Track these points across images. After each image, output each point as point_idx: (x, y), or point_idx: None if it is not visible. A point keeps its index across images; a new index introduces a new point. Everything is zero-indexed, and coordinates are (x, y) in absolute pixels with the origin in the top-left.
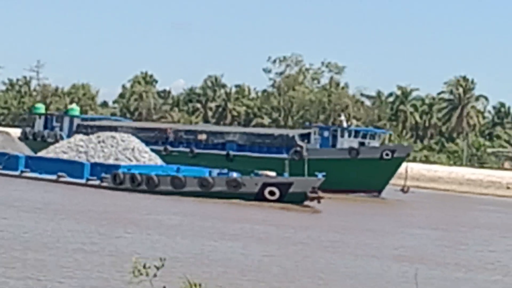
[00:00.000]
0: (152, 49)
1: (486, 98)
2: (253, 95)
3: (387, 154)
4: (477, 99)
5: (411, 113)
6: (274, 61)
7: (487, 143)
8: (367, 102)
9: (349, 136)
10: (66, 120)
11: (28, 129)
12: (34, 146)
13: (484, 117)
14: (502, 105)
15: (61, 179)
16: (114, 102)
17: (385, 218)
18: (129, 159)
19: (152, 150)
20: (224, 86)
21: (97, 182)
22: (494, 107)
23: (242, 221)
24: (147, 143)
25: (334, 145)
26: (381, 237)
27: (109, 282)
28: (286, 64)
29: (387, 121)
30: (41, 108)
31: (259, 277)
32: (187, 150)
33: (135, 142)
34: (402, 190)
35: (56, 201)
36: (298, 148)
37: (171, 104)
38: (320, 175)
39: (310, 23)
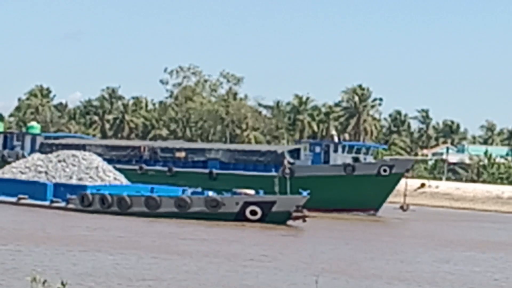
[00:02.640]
0: (48, 61)
1: (381, 102)
2: (150, 106)
3: (384, 170)
4: (372, 106)
5: (309, 122)
6: (171, 72)
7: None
8: (265, 112)
9: (343, 151)
10: (28, 139)
11: None
12: None
13: (381, 126)
14: (398, 113)
15: (22, 201)
16: (10, 115)
17: (370, 237)
18: (93, 179)
19: (126, 169)
20: (121, 98)
21: (62, 204)
22: (390, 115)
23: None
24: (120, 162)
25: (326, 161)
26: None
27: None
28: (183, 75)
29: (285, 130)
30: None
31: None
32: (165, 169)
33: (98, 160)
34: (402, 208)
35: (27, 226)
36: (289, 165)
37: (68, 117)
38: (305, 193)
39: (207, 33)
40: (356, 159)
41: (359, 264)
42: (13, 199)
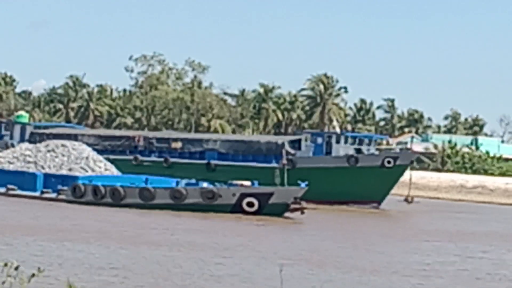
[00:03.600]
0: (11, 49)
1: (346, 91)
2: (115, 94)
3: (388, 162)
4: (337, 95)
5: (274, 110)
6: (136, 60)
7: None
8: (231, 101)
9: (345, 142)
10: (17, 128)
11: None
12: None
13: (346, 115)
14: (364, 101)
15: (11, 192)
16: None
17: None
18: (84, 169)
19: (120, 160)
20: (85, 86)
21: (53, 195)
22: (355, 104)
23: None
24: (113, 153)
25: (328, 152)
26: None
27: None
28: (148, 63)
29: (249, 119)
30: None
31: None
32: (161, 159)
33: (88, 150)
34: (406, 200)
35: (24, 218)
36: (290, 156)
37: (32, 105)
38: (303, 184)
39: (173, 21)
40: (358, 150)
41: (333, 254)
42: (2, 190)
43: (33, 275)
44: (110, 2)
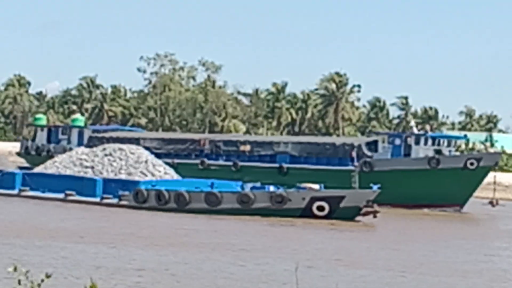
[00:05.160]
0: (25, 51)
1: (360, 89)
2: (129, 95)
3: (471, 163)
4: (350, 93)
5: (287, 109)
6: (148, 60)
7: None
8: (245, 100)
9: (425, 143)
10: (75, 132)
11: (29, 143)
12: (37, 162)
13: (360, 113)
14: (378, 99)
15: (70, 197)
16: None
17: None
18: (143, 174)
19: (186, 164)
20: (99, 87)
21: (114, 201)
22: (369, 102)
23: None
24: (178, 157)
25: (407, 154)
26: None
27: None
28: (160, 63)
29: (263, 118)
30: (42, 119)
31: None
32: (229, 163)
33: (146, 154)
34: (491, 203)
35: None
36: (368, 159)
37: (47, 106)
38: (375, 187)
39: (184, 21)
40: (438, 152)
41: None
42: (60, 196)
43: (42, 280)
44: (122, 3)
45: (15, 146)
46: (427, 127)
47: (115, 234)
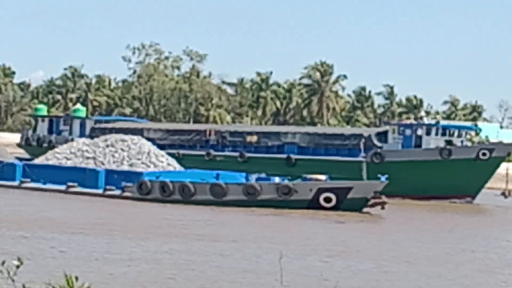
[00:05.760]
0: (9, 40)
1: (344, 78)
2: (113, 85)
3: (484, 154)
4: (334, 82)
5: (272, 98)
6: (133, 49)
7: (348, 127)
8: (229, 90)
9: (436, 134)
10: (76, 123)
11: (30, 134)
12: (38, 153)
13: (345, 103)
14: (363, 89)
15: (72, 189)
16: None
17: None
18: (146, 165)
19: (191, 155)
20: (84, 76)
21: (117, 192)
22: (354, 92)
23: None
24: (183, 147)
25: (418, 145)
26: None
27: None
28: (145, 53)
29: (248, 108)
30: (43, 109)
31: None
32: (236, 154)
33: (148, 145)
34: (503, 194)
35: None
36: (378, 150)
37: (31, 96)
38: (383, 178)
39: (169, 10)
40: (449, 142)
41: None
42: (62, 187)
43: (17, 266)
44: None
45: (1, 137)
46: (438, 117)
47: (104, 224)
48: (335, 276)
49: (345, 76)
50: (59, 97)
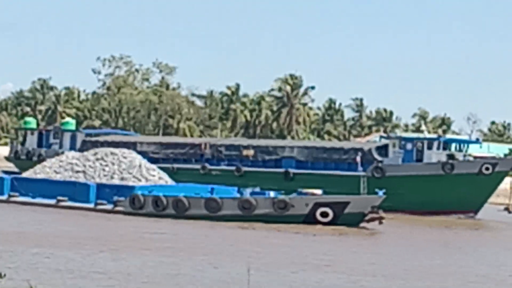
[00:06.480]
0: None
1: (313, 90)
2: (83, 97)
3: (487, 168)
4: (304, 94)
5: (241, 111)
6: (104, 61)
7: (318, 139)
8: (199, 102)
9: (438, 148)
10: (67, 136)
11: (19, 147)
12: (28, 166)
13: (313, 115)
14: (332, 101)
15: (62, 203)
16: None
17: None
18: (137, 179)
19: (185, 169)
20: (53, 88)
21: (109, 207)
22: (324, 105)
23: None
24: (177, 161)
25: (419, 159)
26: None
27: None
28: (115, 65)
29: (218, 120)
30: (32, 122)
31: None
32: (232, 168)
33: (139, 158)
34: (507, 209)
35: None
36: (379, 164)
37: (0, 108)
38: (380, 193)
39: (139, 23)
40: (451, 156)
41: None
42: (51, 201)
43: None
44: (76, 5)
45: None
46: (440, 131)
47: (84, 238)
48: None
49: (312, 88)
50: (28, 109)
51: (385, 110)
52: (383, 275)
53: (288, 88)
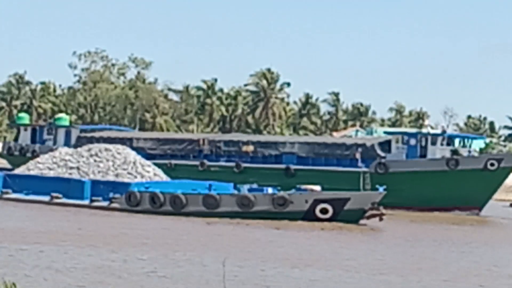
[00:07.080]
0: None
1: (289, 85)
2: (59, 91)
3: (492, 164)
4: (280, 89)
5: (218, 105)
6: (80, 56)
7: (294, 134)
8: (175, 97)
9: (442, 143)
10: (61, 132)
11: (12, 143)
12: (21, 162)
13: (289, 109)
14: (309, 96)
15: (56, 200)
16: None
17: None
18: (132, 175)
19: (184, 165)
20: (28, 83)
21: (104, 204)
22: (300, 99)
23: None
24: (175, 157)
25: (423, 155)
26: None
27: None
28: (91, 60)
29: (194, 115)
30: (25, 118)
31: None
32: (232, 164)
33: (133, 154)
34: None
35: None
36: (383, 160)
37: None
38: (381, 189)
39: (115, 17)
40: (455, 152)
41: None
42: (45, 198)
43: None
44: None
45: None
46: (443, 127)
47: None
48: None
49: (288, 84)
50: (3, 104)
51: (361, 105)
52: (374, 271)
53: (265, 82)
